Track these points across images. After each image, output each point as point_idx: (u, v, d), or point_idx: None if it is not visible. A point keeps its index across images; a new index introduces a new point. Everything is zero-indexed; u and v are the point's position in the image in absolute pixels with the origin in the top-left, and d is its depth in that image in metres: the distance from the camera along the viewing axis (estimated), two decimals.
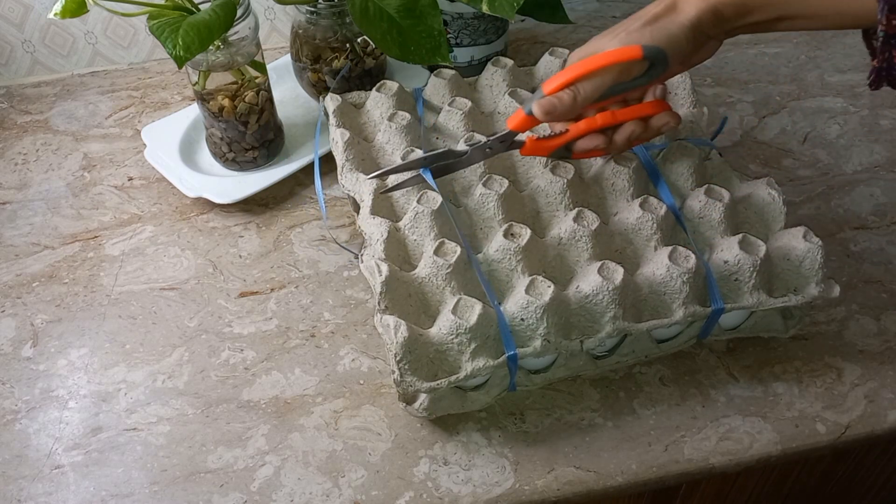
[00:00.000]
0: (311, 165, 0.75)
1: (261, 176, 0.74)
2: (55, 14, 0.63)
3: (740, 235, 0.58)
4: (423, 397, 0.56)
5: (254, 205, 0.75)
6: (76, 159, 0.80)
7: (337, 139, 0.66)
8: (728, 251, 0.58)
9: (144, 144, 0.77)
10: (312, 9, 0.74)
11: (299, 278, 0.69)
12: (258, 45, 0.71)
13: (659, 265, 0.57)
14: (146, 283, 0.69)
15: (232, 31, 0.66)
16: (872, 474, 0.78)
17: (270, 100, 0.74)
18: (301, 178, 0.76)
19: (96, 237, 0.72)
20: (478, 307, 0.53)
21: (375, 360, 0.63)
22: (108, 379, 0.62)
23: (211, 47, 0.65)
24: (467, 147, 0.62)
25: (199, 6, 0.66)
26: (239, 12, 0.66)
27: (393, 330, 0.53)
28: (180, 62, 0.61)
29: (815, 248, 0.58)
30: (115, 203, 0.75)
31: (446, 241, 0.58)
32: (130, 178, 0.78)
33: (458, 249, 0.57)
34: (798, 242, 0.58)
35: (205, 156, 0.77)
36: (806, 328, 0.65)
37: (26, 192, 0.77)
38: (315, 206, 0.75)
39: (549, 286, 0.54)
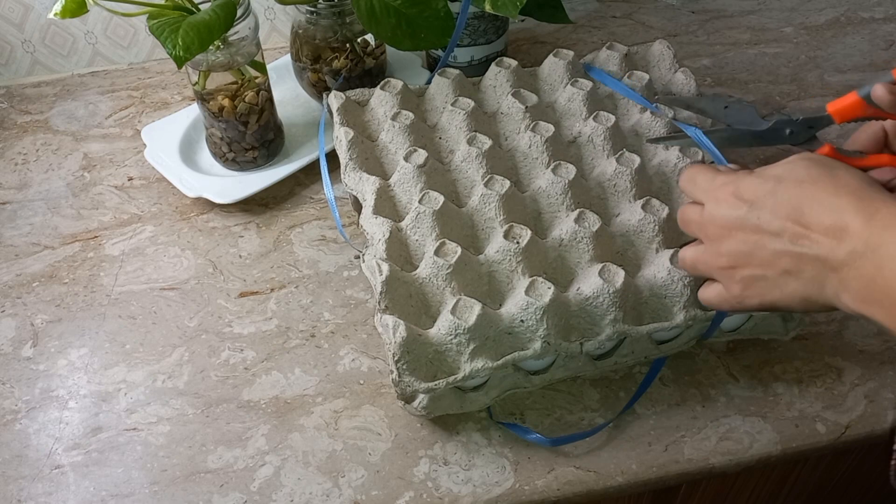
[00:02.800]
0: (311, 165, 0.75)
1: (261, 176, 0.74)
2: (55, 14, 0.63)
3: None
4: (421, 397, 0.56)
5: (254, 205, 0.75)
6: (76, 159, 0.80)
7: (341, 137, 0.66)
8: None
9: (144, 144, 0.77)
10: (312, 9, 0.74)
11: (299, 278, 0.69)
12: (258, 45, 0.71)
13: (660, 268, 0.57)
14: (146, 283, 0.69)
15: (232, 31, 0.66)
16: (872, 474, 0.78)
17: (270, 100, 0.74)
18: (301, 178, 0.77)
19: (96, 237, 0.72)
20: (477, 308, 0.53)
21: (375, 360, 0.63)
22: (108, 379, 0.62)
23: (211, 47, 0.65)
24: (768, 123, 0.54)
25: (199, 6, 0.66)
26: (239, 12, 0.66)
27: (392, 330, 0.53)
28: (180, 62, 0.61)
29: None
30: (115, 203, 0.75)
31: (447, 241, 0.58)
32: (130, 178, 0.78)
33: (459, 250, 0.57)
34: None
35: (205, 156, 0.77)
36: (806, 328, 0.65)
37: (26, 192, 0.77)
38: (315, 206, 0.75)
39: (550, 287, 0.54)
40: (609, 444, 0.58)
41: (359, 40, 0.77)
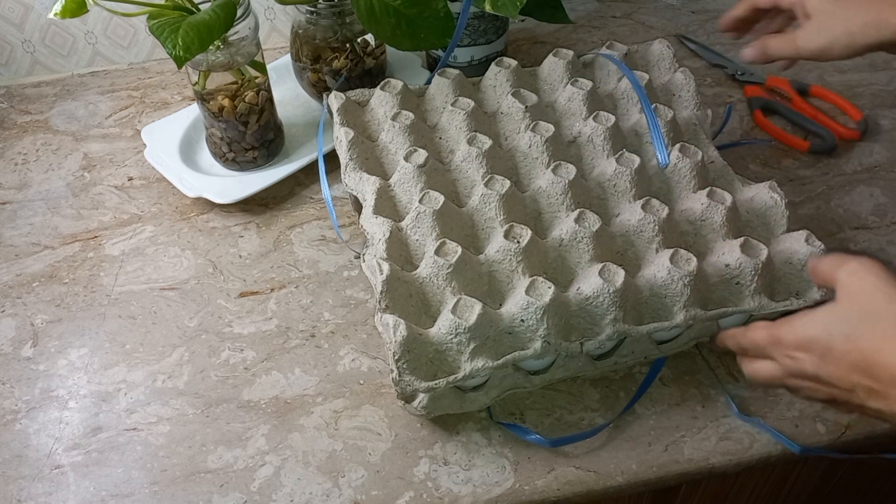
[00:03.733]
0: (311, 165, 0.75)
1: (261, 176, 0.74)
2: (55, 14, 0.63)
3: (742, 238, 0.58)
4: (421, 396, 0.56)
5: (254, 205, 0.75)
6: (76, 159, 0.80)
7: (341, 138, 0.66)
8: (729, 254, 0.58)
9: (144, 144, 0.77)
10: (312, 9, 0.74)
11: (299, 278, 0.69)
12: (258, 45, 0.71)
13: (660, 268, 0.57)
14: (146, 283, 0.69)
15: (232, 31, 0.66)
16: (872, 474, 0.78)
17: (270, 100, 0.74)
18: (301, 178, 0.77)
19: (96, 237, 0.72)
20: (477, 307, 0.53)
21: (375, 360, 0.63)
22: (108, 379, 0.62)
23: (211, 47, 0.65)
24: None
25: (199, 6, 0.66)
26: (239, 12, 0.66)
27: (392, 329, 0.53)
28: (180, 62, 0.61)
29: (817, 252, 0.58)
30: (115, 203, 0.75)
31: (447, 241, 0.58)
32: (130, 178, 0.78)
33: (459, 249, 0.57)
34: (800, 246, 0.58)
35: (205, 156, 0.77)
36: None
37: (26, 192, 0.77)
38: (315, 206, 0.75)
39: (550, 287, 0.54)
40: (609, 444, 0.58)
41: (359, 40, 0.77)
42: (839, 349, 0.46)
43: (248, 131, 0.73)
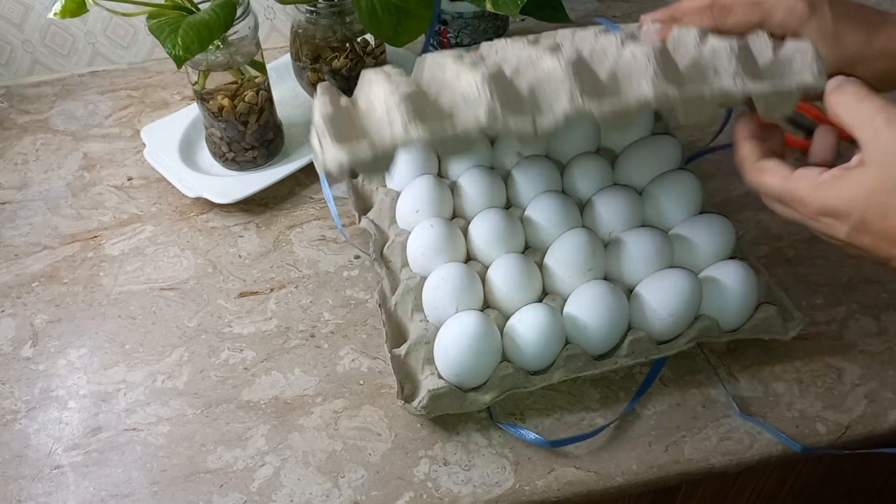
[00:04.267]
0: (311, 165, 0.75)
1: (261, 176, 0.74)
2: (55, 14, 0.63)
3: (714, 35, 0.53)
4: (421, 395, 0.56)
5: (254, 205, 0.75)
6: (76, 159, 0.80)
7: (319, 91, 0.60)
8: (701, 46, 0.52)
9: (144, 144, 0.77)
10: (312, 8, 0.74)
11: (299, 278, 0.69)
12: (258, 45, 0.71)
13: (625, 57, 0.51)
14: (146, 283, 0.69)
15: (232, 30, 0.66)
16: (872, 474, 0.78)
17: (270, 99, 0.74)
18: (301, 178, 0.77)
19: (96, 237, 0.72)
20: (401, 74, 0.49)
21: (375, 360, 0.63)
22: (107, 379, 0.62)
23: (211, 47, 0.65)
24: None
25: (199, 6, 0.66)
26: (239, 12, 0.66)
27: (315, 112, 0.48)
28: (180, 62, 0.61)
29: (804, 44, 0.52)
30: (114, 203, 0.75)
31: (392, 74, 0.52)
32: (130, 178, 0.78)
33: (403, 78, 0.51)
34: (789, 43, 0.53)
35: (205, 156, 0.77)
36: (806, 328, 0.65)
37: (26, 192, 0.77)
38: (315, 206, 0.75)
39: (494, 63, 0.50)
40: (609, 444, 0.58)
41: (359, 40, 0.77)
42: (876, 225, 0.43)
43: (248, 131, 0.73)
